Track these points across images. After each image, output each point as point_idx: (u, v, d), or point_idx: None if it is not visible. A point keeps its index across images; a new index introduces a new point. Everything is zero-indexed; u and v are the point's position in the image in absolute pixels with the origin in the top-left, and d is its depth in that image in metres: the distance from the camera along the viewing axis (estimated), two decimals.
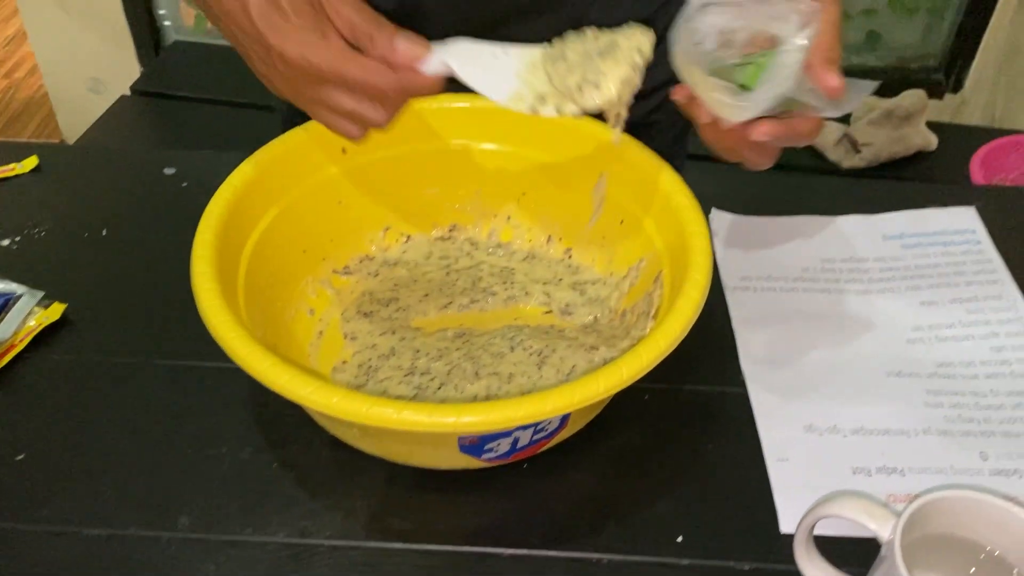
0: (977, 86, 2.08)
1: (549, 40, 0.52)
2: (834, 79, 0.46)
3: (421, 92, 0.49)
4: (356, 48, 0.46)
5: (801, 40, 0.45)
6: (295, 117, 0.79)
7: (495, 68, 0.51)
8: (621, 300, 0.62)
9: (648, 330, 0.57)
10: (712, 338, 0.62)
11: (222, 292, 0.49)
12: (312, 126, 0.61)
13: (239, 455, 0.54)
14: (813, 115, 0.48)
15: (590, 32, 0.51)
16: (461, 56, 0.49)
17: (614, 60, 0.49)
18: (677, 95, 0.51)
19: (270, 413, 0.56)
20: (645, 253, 0.59)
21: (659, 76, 0.75)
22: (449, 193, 0.67)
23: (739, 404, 0.58)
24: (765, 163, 0.53)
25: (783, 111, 0.48)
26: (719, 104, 0.47)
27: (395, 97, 0.49)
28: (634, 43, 0.50)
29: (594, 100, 0.49)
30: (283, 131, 0.81)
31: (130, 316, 0.63)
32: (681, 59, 0.48)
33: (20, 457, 0.54)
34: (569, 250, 0.67)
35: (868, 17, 2.04)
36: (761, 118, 0.47)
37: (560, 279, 0.65)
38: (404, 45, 0.47)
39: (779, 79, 0.46)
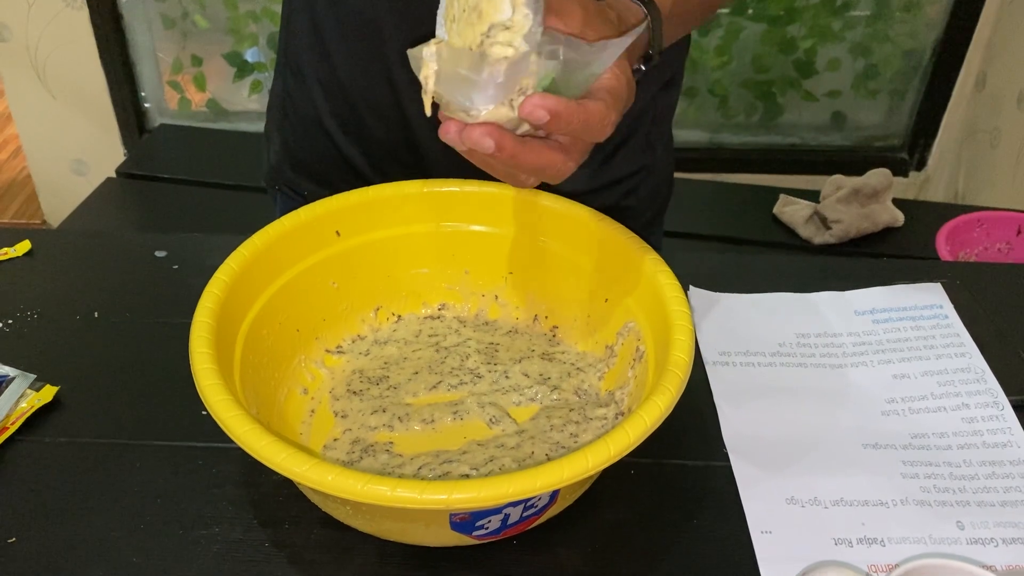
0: (939, 164, 2.17)
1: None
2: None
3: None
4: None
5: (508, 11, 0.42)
6: (288, 192, 0.82)
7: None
8: (601, 379, 0.64)
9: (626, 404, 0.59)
10: (694, 413, 0.64)
11: (219, 372, 0.50)
12: (305, 210, 0.64)
13: (231, 535, 0.55)
14: (582, 78, 0.44)
15: None
16: None
17: None
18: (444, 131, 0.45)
19: (262, 492, 0.57)
20: (628, 321, 0.61)
21: (630, 164, 0.79)
22: (439, 273, 0.69)
23: (723, 477, 0.59)
24: (564, 165, 0.46)
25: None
26: (462, 91, 0.43)
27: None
28: None
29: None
30: (273, 206, 0.85)
31: (122, 398, 0.64)
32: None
33: (12, 540, 0.54)
34: (555, 328, 0.69)
35: (833, 99, 2.12)
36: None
37: (539, 352, 0.67)
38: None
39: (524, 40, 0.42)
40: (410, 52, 0.45)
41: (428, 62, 0.44)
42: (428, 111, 0.45)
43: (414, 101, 0.72)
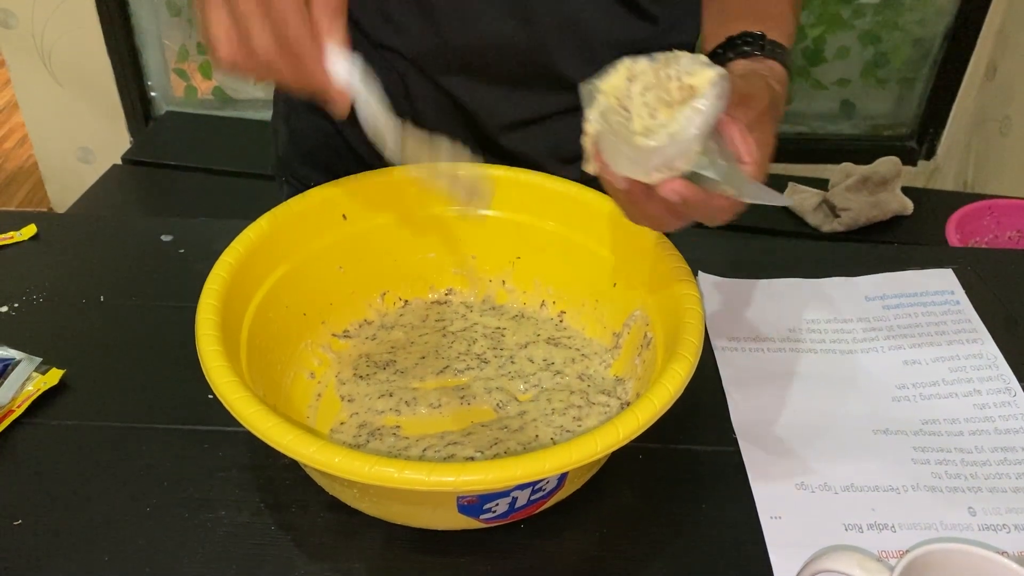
0: (949, 153, 2.15)
1: None
2: (747, 143, 0.46)
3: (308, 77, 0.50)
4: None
5: (704, 101, 0.43)
6: (296, 184, 0.82)
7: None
8: (608, 368, 0.63)
9: (631, 391, 0.59)
10: (703, 397, 0.64)
11: (226, 355, 0.50)
12: (312, 194, 0.63)
13: (237, 518, 0.54)
14: (725, 193, 0.47)
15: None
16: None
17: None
18: (589, 168, 0.49)
19: (268, 476, 0.57)
20: (635, 310, 0.61)
21: None
22: (446, 258, 0.69)
23: (732, 462, 0.59)
24: (673, 224, 0.50)
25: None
26: (620, 159, 0.46)
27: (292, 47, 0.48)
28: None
29: None
30: (280, 195, 0.84)
31: (128, 381, 0.64)
32: (592, 126, 0.47)
33: (18, 522, 0.53)
34: (562, 313, 0.68)
35: (842, 87, 2.11)
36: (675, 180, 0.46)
37: (544, 337, 0.66)
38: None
39: (681, 136, 0.44)
40: (582, 85, 0.47)
41: (591, 124, 0.47)
42: (591, 170, 0.48)
43: (419, 89, 0.71)
